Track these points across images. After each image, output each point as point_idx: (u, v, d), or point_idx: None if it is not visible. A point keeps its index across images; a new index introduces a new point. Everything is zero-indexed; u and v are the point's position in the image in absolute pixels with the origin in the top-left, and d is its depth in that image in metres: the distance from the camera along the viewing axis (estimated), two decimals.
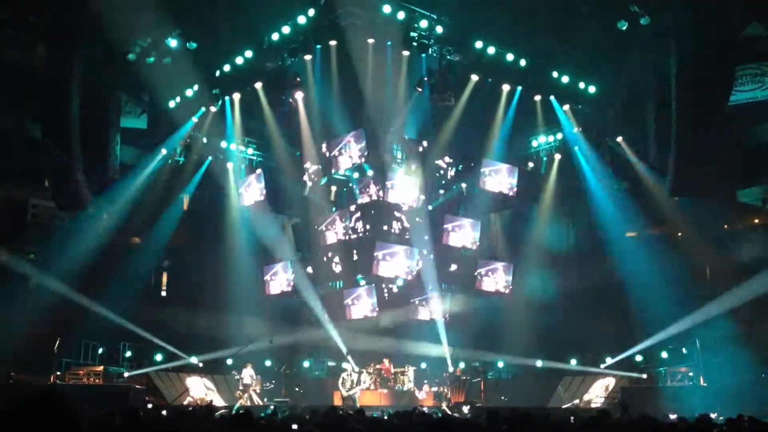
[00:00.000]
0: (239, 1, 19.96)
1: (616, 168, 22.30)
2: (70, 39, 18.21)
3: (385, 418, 9.86)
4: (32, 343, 19.04)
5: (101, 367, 20.13)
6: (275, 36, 20.20)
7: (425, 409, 15.41)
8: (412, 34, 19.94)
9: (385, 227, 22.25)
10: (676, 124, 17.82)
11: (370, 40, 20.25)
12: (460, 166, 23.87)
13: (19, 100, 19.10)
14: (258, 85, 21.42)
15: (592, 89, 21.83)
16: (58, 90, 18.46)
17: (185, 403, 19.47)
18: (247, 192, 23.33)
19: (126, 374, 20.36)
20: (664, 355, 20.48)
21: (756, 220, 22.17)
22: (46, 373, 19.49)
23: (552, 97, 22.13)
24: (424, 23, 19.77)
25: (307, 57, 20.80)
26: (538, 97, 22.25)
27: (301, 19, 19.63)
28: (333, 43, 20.36)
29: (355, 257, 22.36)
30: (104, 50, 18.92)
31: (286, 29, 19.98)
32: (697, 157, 17.86)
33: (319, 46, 20.56)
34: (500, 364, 22.78)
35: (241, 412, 9.27)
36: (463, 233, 22.77)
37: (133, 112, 22.82)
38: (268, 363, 22.25)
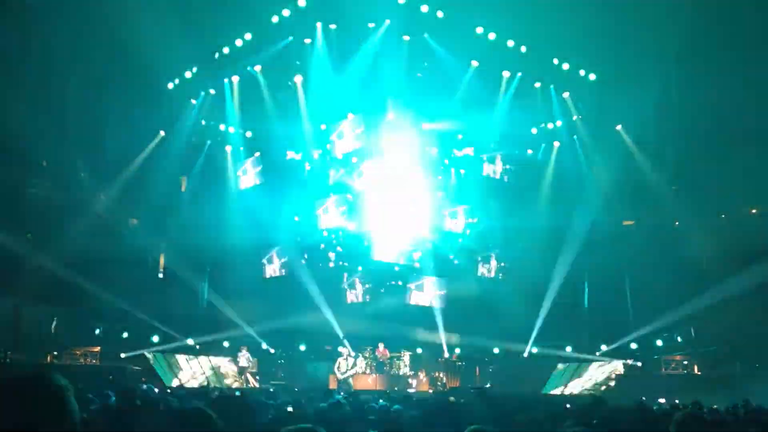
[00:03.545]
0: None
1: (614, 155, 22.29)
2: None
3: (380, 402, 9.89)
4: (29, 324, 19.05)
5: (98, 348, 20.18)
6: (275, 18, 20.07)
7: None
8: (413, 18, 19.86)
9: (382, 212, 22.24)
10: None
11: (371, 24, 20.17)
12: (460, 151, 23.80)
13: (17, 82, 18.98)
14: (257, 68, 21.35)
15: (592, 76, 21.76)
16: (56, 70, 18.38)
17: (179, 384, 19.53)
18: (246, 175, 23.28)
19: (123, 355, 20.41)
20: (659, 343, 20.58)
21: (753, 210, 22.21)
22: (43, 354, 19.53)
23: (552, 87, 22.12)
24: (425, 8, 19.66)
25: (307, 40, 20.70)
26: (538, 84, 22.20)
27: (301, 2, 19.51)
28: (333, 26, 20.27)
29: (353, 241, 22.38)
30: (103, 32, 18.81)
31: (286, 12, 19.86)
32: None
33: (319, 29, 20.45)
34: (495, 350, 22.85)
35: (236, 394, 9.31)
36: (459, 219, 22.77)
37: None
38: (264, 346, 22.32)
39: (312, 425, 2.64)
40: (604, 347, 21.34)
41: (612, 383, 20.34)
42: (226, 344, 21.98)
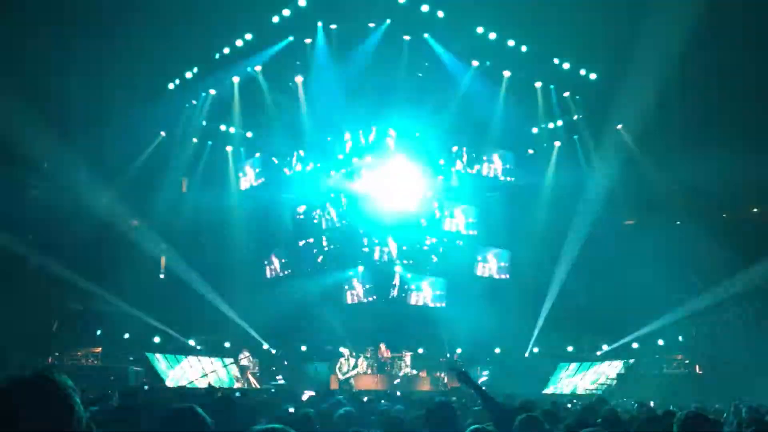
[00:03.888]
0: None
1: (615, 155, 22.28)
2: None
3: (382, 402, 9.88)
4: (31, 325, 19.04)
5: (99, 349, 20.17)
6: (275, 19, 20.08)
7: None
8: (413, 18, 19.87)
9: (382, 212, 22.22)
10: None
11: (371, 24, 20.17)
12: (460, 151, 23.79)
13: (17, 83, 18.98)
14: (258, 68, 21.36)
15: (593, 76, 21.75)
16: (57, 72, 18.38)
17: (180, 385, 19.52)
18: (246, 175, 23.28)
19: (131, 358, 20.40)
20: (661, 342, 20.56)
21: (755, 209, 22.19)
22: (45, 354, 19.52)
23: (552, 86, 22.13)
24: (425, 8, 19.66)
25: (308, 40, 20.71)
26: (538, 84, 22.19)
27: (302, 2, 19.52)
28: (333, 26, 20.29)
29: (353, 242, 22.36)
30: (104, 33, 18.82)
31: (286, 12, 19.86)
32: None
33: (319, 29, 20.46)
34: (497, 350, 22.82)
35: (237, 394, 9.31)
36: (461, 219, 22.75)
37: None
38: (265, 347, 22.29)
39: (282, 426, 2.61)
40: (605, 347, 21.31)
41: (613, 383, 20.32)
42: (227, 345, 21.96)
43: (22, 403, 1.99)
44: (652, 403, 11.31)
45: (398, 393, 15.38)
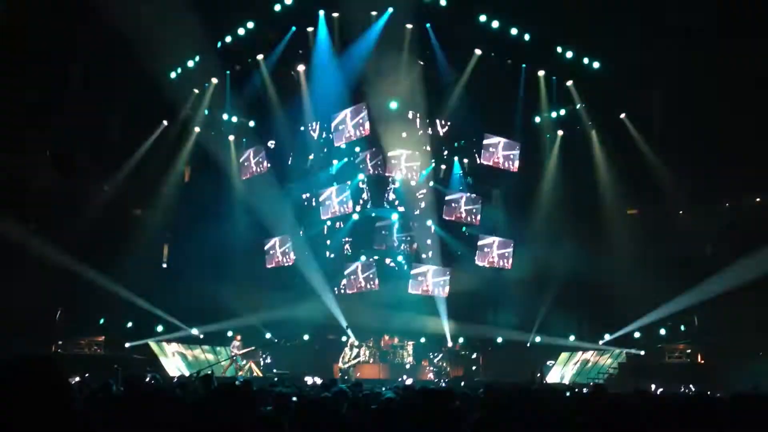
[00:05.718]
0: None
1: (618, 144, 22.21)
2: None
3: (383, 389, 9.91)
4: (34, 313, 19.09)
5: (102, 337, 20.26)
6: (277, 7, 20.02)
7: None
8: (415, 7, 19.81)
9: (385, 201, 22.23)
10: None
11: (373, 12, 20.12)
12: (463, 141, 23.74)
13: (19, 66, 18.94)
14: (260, 57, 21.31)
15: (596, 64, 21.65)
16: (58, 60, 18.36)
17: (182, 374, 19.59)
18: (248, 165, 23.25)
19: (127, 345, 20.48)
20: (663, 332, 20.57)
21: (757, 199, 22.10)
22: (48, 343, 19.60)
23: (555, 75, 22.06)
24: None
25: (310, 29, 20.65)
26: (541, 73, 22.10)
27: None
28: (336, 14, 20.22)
29: (355, 231, 22.37)
30: (105, 21, 18.74)
31: (288, 0, 19.80)
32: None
33: (322, 17, 20.40)
34: (499, 340, 22.83)
35: (237, 383, 9.31)
36: (464, 208, 22.73)
37: None
38: (268, 335, 22.36)
39: (274, 412, 2.62)
40: (607, 336, 21.33)
41: (615, 372, 20.36)
42: (230, 334, 22.02)
43: (6, 391, 1.94)
44: (654, 388, 11.33)
45: (399, 381, 15.44)
